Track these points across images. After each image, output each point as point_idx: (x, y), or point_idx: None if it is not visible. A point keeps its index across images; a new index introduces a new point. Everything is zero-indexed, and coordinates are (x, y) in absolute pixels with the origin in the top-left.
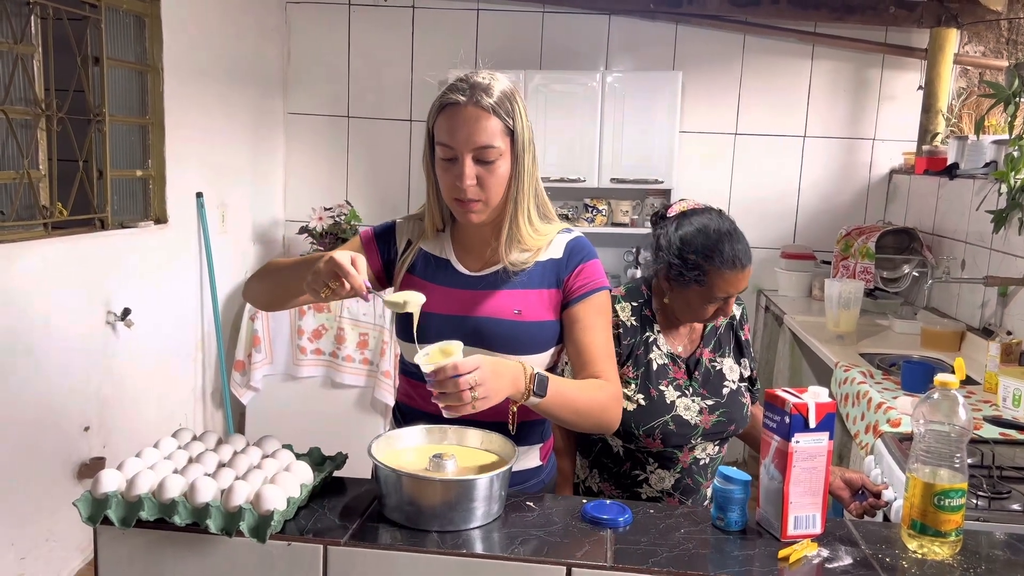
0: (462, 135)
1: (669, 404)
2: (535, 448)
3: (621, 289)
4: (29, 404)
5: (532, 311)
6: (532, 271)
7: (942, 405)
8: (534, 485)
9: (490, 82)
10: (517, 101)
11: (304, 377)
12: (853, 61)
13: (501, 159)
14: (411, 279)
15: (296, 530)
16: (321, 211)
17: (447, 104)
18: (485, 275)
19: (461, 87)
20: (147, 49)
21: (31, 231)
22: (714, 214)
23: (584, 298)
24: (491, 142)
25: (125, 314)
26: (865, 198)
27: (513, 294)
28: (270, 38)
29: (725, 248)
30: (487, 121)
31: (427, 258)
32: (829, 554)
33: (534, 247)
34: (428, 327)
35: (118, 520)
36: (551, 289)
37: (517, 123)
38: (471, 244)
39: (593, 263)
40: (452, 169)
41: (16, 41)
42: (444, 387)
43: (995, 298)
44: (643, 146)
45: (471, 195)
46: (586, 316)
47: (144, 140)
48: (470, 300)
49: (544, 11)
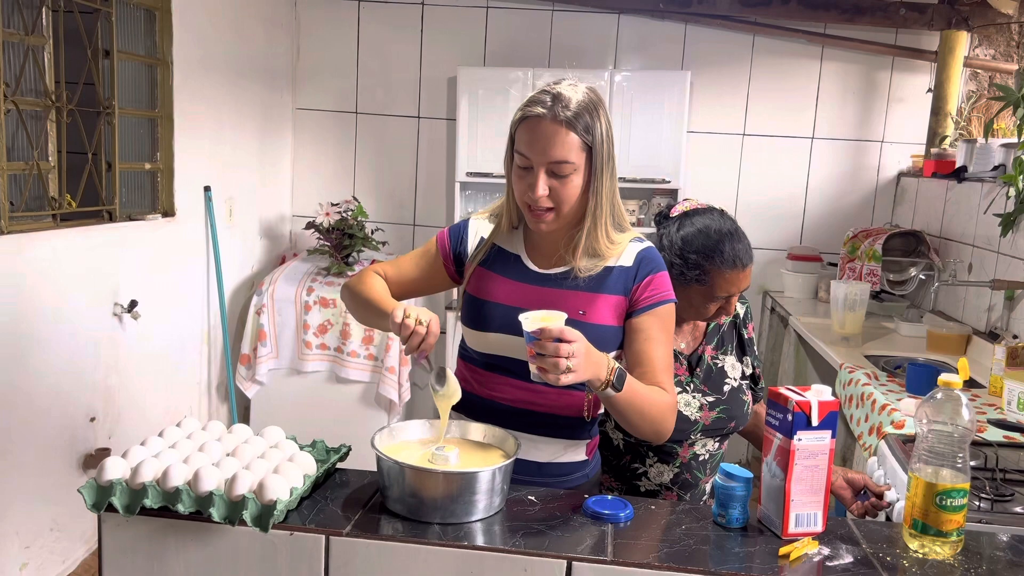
0: (538, 148)
1: None
2: (582, 443)
3: None
4: (36, 394)
5: (597, 314)
6: (601, 276)
7: (945, 405)
8: (579, 478)
9: (572, 95)
10: (599, 114)
11: (309, 372)
12: (862, 63)
13: (575, 173)
14: (482, 272)
15: (299, 520)
16: (328, 206)
17: (529, 116)
18: (554, 274)
19: (543, 99)
20: (157, 43)
21: (40, 222)
22: (716, 214)
23: (650, 309)
24: (566, 158)
25: (132, 306)
26: (873, 200)
27: (580, 295)
28: (279, 33)
29: (726, 248)
30: (564, 136)
31: (499, 252)
32: (830, 552)
33: (608, 256)
34: (495, 317)
35: (122, 507)
36: (618, 296)
37: (596, 138)
38: (542, 243)
39: (662, 275)
40: (526, 177)
41: (27, 33)
42: (544, 348)
43: (1001, 302)
44: (651, 145)
45: (543, 204)
46: (651, 327)
47: (153, 133)
48: (537, 296)
49: (553, 9)
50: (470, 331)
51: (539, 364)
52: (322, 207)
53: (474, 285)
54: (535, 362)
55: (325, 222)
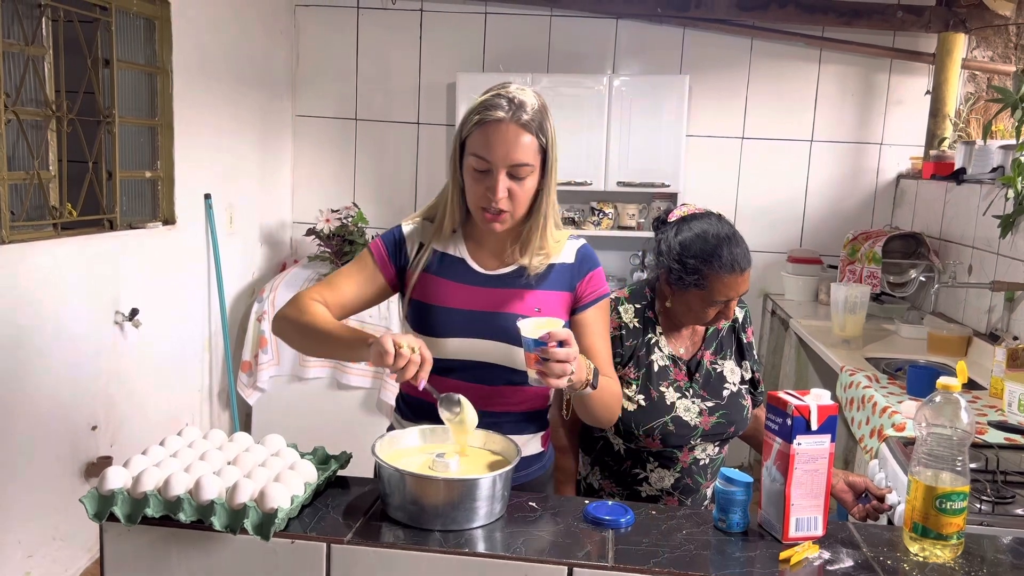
0: (500, 152)
1: (669, 405)
2: (537, 436)
3: (625, 291)
4: (37, 403)
5: (550, 310)
6: (547, 273)
7: (944, 408)
8: (537, 470)
9: (527, 100)
10: (548, 119)
11: (310, 378)
12: (861, 65)
13: (532, 175)
14: (427, 277)
15: (300, 528)
16: (328, 213)
17: (488, 120)
18: (502, 274)
19: (500, 103)
20: (156, 51)
21: (41, 231)
22: (713, 219)
23: (594, 303)
24: (527, 160)
25: (133, 314)
26: (872, 202)
27: (532, 293)
28: (279, 40)
29: (724, 252)
30: (525, 139)
31: (442, 257)
32: (830, 556)
33: (552, 253)
34: (451, 322)
35: (124, 517)
36: (565, 292)
37: (549, 139)
38: (486, 244)
39: (600, 271)
40: (484, 180)
41: (27, 43)
42: (553, 354)
43: (1002, 303)
44: (650, 150)
45: (502, 207)
46: (595, 321)
47: (153, 141)
48: (490, 297)
49: (552, 14)
50: (424, 338)
51: (542, 368)
52: (322, 213)
53: (421, 292)
54: (538, 367)
55: (325, 228)
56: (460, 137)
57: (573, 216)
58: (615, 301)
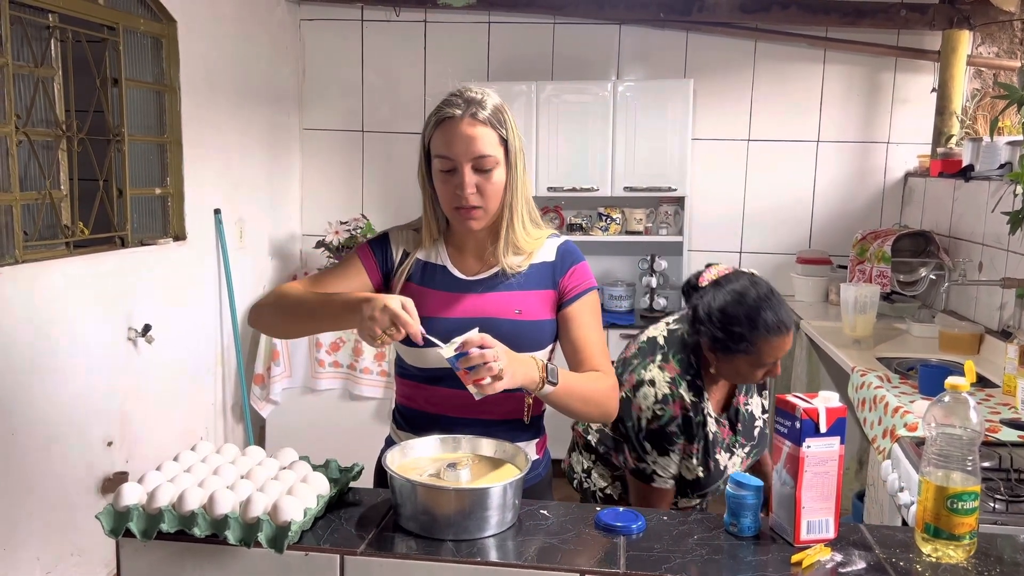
0: (460, 146)
1: (723, 470)
2: (532, 443)
3: (675, 366)
4: (53, 420)
5: (531, 311)
6: (527, 273)
7: (953, 408)
8: (533, 478)
9: (483, 96)
10: (507, 113)
11: (323, 390)
12: (865, 65)
13: (497, 167)
14: (410, 287)
15: (313, 540)
16: (337, 225)
17: (444, 118)
18: (482, 278)
19: (456, 101)
20: (164, 69)
21: (53, 250)
22: (746, 278)
23: (579, 298)
24: (488, 151)
25: (146, 330)
26: (880, 202)
27: (513, 295)
28: (285, 55)
29: (768, 316)
30: (483, 132)
31: (423, 266)
32: (843, 559)
33: (528, 250)
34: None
35: (139, 532)
36: (547, 290)
37: (510, 133)
38: (466, 248)
39: (583, 264)
40: (452, 180)
41: (37, 64)
42: (470, 360)
43: (1013, 300)
44: (656, 154)
45: (472, 202)
46: (582, 314)
47: (162, 158)
48: (470, 303)
49: (555, 22)
50: (408, 349)
51: (473, 378)
52: (331, 225)
53: None
54: (470, 378)
55: (335, 240)
56: (424, 145)
57: (581, 222)
58: (672, 382)
